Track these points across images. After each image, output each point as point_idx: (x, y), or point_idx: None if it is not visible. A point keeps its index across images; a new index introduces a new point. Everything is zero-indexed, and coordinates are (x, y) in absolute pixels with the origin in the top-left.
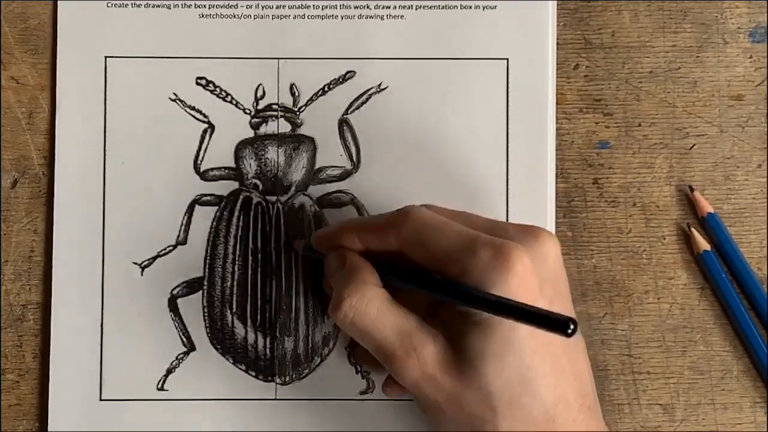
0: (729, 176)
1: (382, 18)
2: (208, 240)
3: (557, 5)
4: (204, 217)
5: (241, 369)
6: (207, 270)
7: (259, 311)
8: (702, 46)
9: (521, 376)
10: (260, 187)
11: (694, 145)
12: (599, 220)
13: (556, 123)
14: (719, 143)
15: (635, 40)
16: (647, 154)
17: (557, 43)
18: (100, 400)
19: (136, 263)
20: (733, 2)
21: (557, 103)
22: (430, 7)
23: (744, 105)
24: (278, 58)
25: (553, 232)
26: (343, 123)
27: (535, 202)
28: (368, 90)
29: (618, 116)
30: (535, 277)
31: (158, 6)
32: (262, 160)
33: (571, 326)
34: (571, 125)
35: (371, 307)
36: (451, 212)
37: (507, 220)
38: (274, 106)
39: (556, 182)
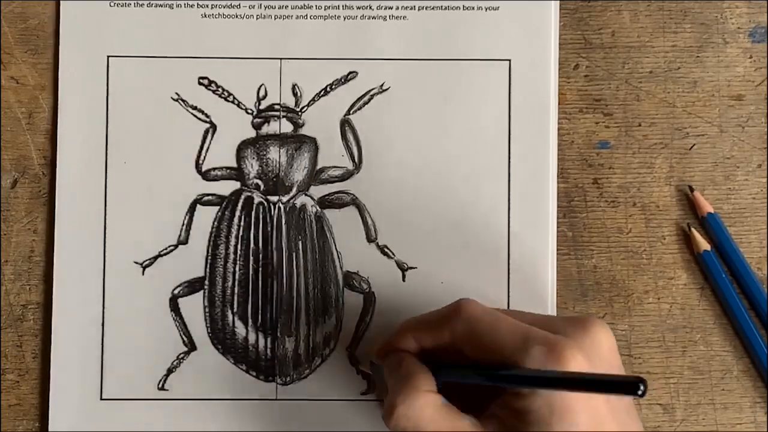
0: (729, 176)
1: (384, 19)
2: (210, 240)
3: (557, 4)
4: (205, 217)
5: (241, 369)
6: (208, 270)
7: (260, 311)
8: (702, 46)
9: None
10: (262, 187)
11: (694, 145)
12: (599, 220)
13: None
14: (719, 143)
15: (635, 40)
16: (647, 154)
17: (557, 42)
18: (101, 399)
19: (137, 263)
20: (733, 2)
21: (557, 103)
22: (433, 8)
23: (744, 105)
24: (280, 58)
25: (554, 232)
26: (345, 123)
27: (537, 203)
28: (370, 90)
29: (618, 116)
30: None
31: (161, 5)
32: (264, 160)
33: (641, 386)
34: (571, 125)
35: (423, 415)
36: (502, 310)
37: (508, 222)
38: (276, 106)
39: (557, 182)
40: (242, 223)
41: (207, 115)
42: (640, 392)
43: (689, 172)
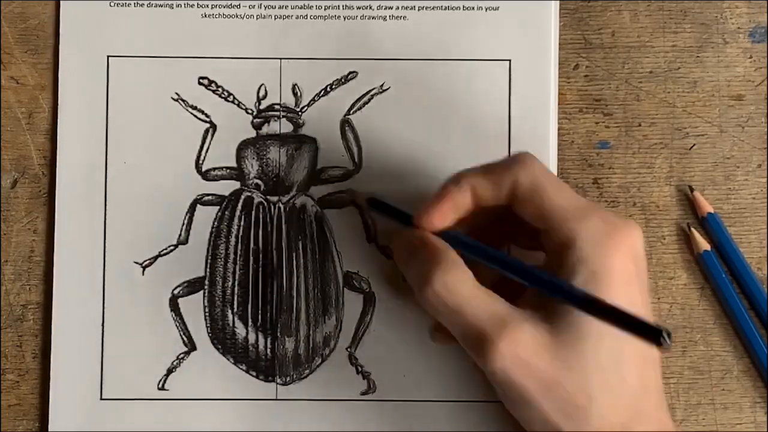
0: (729, 176)
1: (384, 19)
2: (210, 240)
3: (557, 4)
4: (205, 216)
5: (241, 369)
6: (208, 270)
7: (260, 311)
8: (702, 46)
9: (615, 359)
10: (262, 187)
11: (694, 145)
12: None
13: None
14: (719, 143)
15: (635, 40)
16: (647, 154)
17: (557, 42)
18: (101, 399)
19: (137, 263)
20: (733, 2)
21: (557, 103)
22: (433, 8)
23: (744, 105)
24: (280, 58)
25: None
26: (345, 123)
27: None
28: (370, 91)
29: (618, 116)
30: (633, 263)
31: (161, 5)
32: (264, 160)
33: (667, 336)
34: (571, 125)
35: (464, 286)
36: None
37: None
38: (276, 106)
39: None
40: (242, 223)
41: (207, 115)
42: (663, 340)
43: (689, 172)
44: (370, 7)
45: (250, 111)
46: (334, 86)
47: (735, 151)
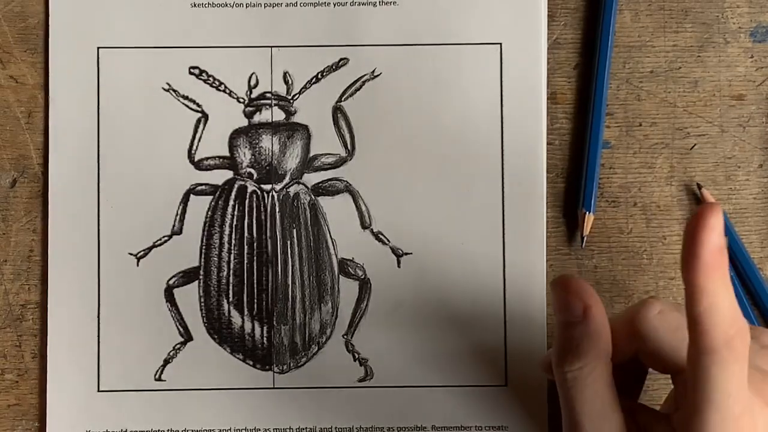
0: (730, 176)
1: (374, 5)
2: (204, 229)
3: (557, 4)
4: (199, 206)
5: (238, 358)
6: (203, 259)
7: (255, 300)
8: (703, 46)
9: None
10: (255, 175)
11: (695, 145)
12: (599, 220)
13: (557, 122)
14: (720, 143)
15: (636, 40)
16: (648, 154)
17: (557, 42)
18: (98, 391)
19: (131, 254)
20: (734, 2)
21: (557, 103)
22: None
23: (745, 105)
24: (271, 47)
25: (545, 216)
26: (337, 110)
27: (530, 187)
28: (362, 77)
29: (618, 116)
30: None
31: None
32: (257, 149)
33: None
34: (571, 125)
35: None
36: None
37: (503, 206)
38: (268, 95)
39: (557, 182)
40: (236, 212)
41: (198, 105)
42: None
43: (690, 172)
44: None
45: (241, 100)
46: (325, 73)
47: (736, 151)
